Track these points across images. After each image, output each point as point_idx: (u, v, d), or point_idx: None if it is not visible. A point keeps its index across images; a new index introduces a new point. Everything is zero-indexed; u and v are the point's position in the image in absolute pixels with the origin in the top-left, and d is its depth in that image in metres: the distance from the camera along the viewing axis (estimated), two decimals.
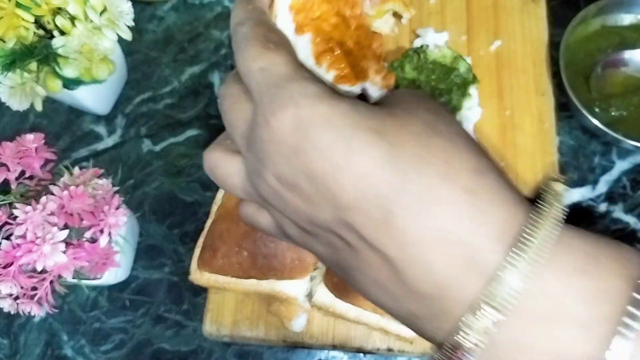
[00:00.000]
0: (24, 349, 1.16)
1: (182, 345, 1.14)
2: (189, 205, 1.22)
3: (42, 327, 1.17)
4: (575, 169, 1.18)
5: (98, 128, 1.29)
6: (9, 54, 1.00)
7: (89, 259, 0.96)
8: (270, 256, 0.95)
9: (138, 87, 1.31)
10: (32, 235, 0.90)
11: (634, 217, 1.15)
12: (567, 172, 1.18)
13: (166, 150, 1.27)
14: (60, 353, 1.15)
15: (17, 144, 1.00)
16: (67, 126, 1.30)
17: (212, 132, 1.27)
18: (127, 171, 1.24)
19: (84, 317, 1.16)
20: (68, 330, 1.16)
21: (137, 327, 1.15)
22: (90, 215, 0.95)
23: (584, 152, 1.19)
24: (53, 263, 0.90)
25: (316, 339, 1.06)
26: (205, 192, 1.22)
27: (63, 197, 0.94)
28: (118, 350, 1.14)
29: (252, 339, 1.07)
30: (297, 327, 1.04)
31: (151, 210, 1.22)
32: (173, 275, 1.18)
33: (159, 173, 1.25)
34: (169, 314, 1.15)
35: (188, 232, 1.20)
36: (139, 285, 1.18)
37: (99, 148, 1.28)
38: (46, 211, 0.92)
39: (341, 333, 1.06)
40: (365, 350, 1.07)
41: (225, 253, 0.97)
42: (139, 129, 1.29)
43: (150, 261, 1.19)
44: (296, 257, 0.96)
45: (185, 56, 1.34)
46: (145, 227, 1.21)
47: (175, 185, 1.23)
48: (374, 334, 1.05)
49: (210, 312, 1.08)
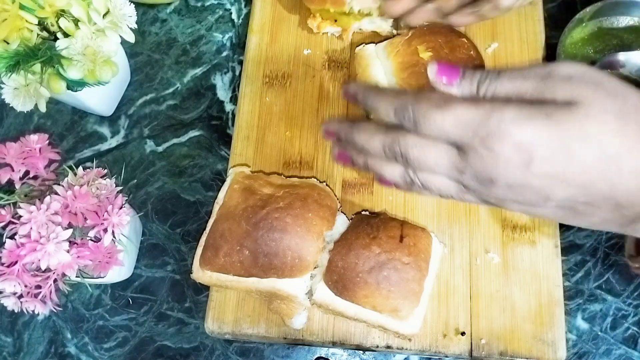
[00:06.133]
0: (27, 347, 1.17)
1: (185, 342, 1.15)
2: (191, 205, 1.23)
3: (46, 325, 1.18)
4: None
5: (101, 129, 1.30)
6: (12, 55, 1.00)
7: (93, 258, 0.96)
8: (271, 255, 0.96)
9: (141, 89, 1.33)
10: (36, 235, 0.90)
11: None
12: None
13: (169, 151, 1.28)
14: (63, 351, 1.16)
15: (21, 144, 1.01)
16: (70, 127, 1.31)
17: (213, 132, 1.28)
18: (130, 171, 1.25)
19: (87, 315, 1.17)
20: (71, 328, 1.17)
21: (139, 324, 1.16)
22: (94, 214, 0.96)
23: None
24: (57, 262, 0.91)
25: (316, 336, 1.07)
26: (207, 192, 1.24)
27: (67, 196, 0.94)
28: (121, 348, 1.15)
29: (253, 336, 1.08)
30: (298, 324, 1.05)
31: (154, 210, 1.23)
32: (175, 274, 1.19)
33: (161, 173, 1.26)
34: (172, 312, 1.16)
35: (190, 231, 1.21)
36: (142, 283, 1.19)
37: (102, 148, 1.29)
38: (50, 211, 0.93)
39: (341, 330, 1.07)
40: (364, 348, 1.08)
41: (226, 252, 0.98)
42: (142, 130, 1.30)
43: (153, 260, 1.20)
44: (297, 255, 0.97)
45: (187, 58, 1.35)
46: (148, 226, 1.22)
47: (178, 185, 1.25)
48: (373, 331, 1.06)
49: (212, 310, 1.08)
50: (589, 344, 1.12)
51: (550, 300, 1.07)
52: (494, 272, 1.09)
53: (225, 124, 1.29)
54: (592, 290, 1.15)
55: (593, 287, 1.15)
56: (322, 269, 1.00)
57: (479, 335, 1.05)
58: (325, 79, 1.23)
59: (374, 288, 0.95)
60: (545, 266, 1.09)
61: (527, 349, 1.05)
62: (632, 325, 1.13)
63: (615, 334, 1.13)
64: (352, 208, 1.13)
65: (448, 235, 1.11)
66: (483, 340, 1.05)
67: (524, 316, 1.06)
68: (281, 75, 1.24)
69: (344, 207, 1.13)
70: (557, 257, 1.08)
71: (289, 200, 0.99)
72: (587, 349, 1.12)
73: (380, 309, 0.96)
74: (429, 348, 1.05)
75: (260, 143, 1.19)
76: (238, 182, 1.05)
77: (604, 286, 1.15)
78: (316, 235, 0.98)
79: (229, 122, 1.29)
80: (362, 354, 1.14)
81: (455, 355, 1.06)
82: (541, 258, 1.09)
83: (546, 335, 1.05)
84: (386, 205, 1.14)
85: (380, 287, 0.94)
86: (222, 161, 1.26)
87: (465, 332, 1.06)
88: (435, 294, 1.07)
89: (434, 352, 1.05)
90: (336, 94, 1.22)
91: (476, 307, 1.07)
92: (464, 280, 1.09)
